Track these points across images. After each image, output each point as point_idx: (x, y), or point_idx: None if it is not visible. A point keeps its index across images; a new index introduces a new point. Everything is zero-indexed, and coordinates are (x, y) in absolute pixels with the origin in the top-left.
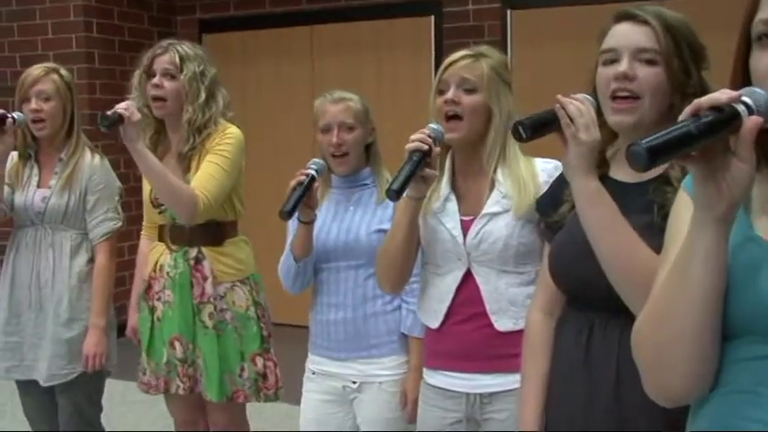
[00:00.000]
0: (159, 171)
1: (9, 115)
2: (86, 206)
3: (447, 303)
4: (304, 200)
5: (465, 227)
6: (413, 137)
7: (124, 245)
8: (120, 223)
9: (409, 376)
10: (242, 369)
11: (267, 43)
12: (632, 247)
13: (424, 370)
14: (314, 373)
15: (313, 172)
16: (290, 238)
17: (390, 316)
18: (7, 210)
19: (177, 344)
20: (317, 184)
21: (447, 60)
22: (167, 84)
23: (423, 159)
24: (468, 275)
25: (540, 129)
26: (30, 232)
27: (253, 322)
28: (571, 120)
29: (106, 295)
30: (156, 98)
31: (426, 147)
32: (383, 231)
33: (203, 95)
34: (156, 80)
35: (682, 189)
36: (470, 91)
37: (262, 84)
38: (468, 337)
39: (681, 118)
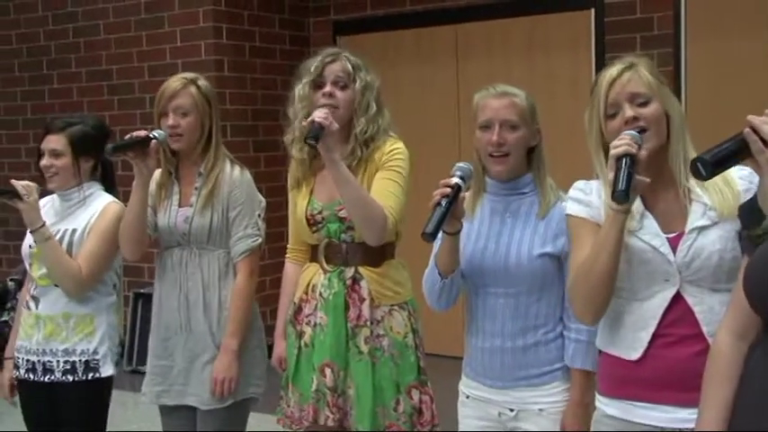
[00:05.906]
0: (354, 182)
1: (152, 134)
2: (228, 222)
3: (651, 330)
4: (449, 215)
5: (672, 244)
6: (615, 142)
7: (269, 262)
8: (260, 240)
9: (569, 410)
10: (397, 402)
11: (407, 45)
12: None
13: (600, 398)
14: (468, 397)
15: (458, 180)
16: (435, 249)
17: (553, 344)
18: (151, 232)
19: (328, 371)
20: (464, 194)
21: (606, 79)
22: (339, 93)
23: (633, 164)
24: (675, 297)
25: (724, 162)
26: (176, 253)
27: (410, 351)
28: (765, 144)
29: (240, 316)
30: (327, 107)
31: (635, 150)
32: (548, 256)
33: (374, 107)
34: (327, 89)
35: None
36: (645, 104)
37: (402, 89)
38: (682, 363)
39: None
